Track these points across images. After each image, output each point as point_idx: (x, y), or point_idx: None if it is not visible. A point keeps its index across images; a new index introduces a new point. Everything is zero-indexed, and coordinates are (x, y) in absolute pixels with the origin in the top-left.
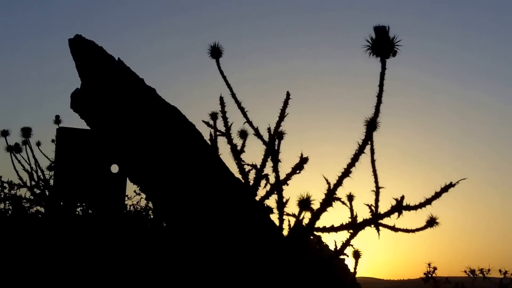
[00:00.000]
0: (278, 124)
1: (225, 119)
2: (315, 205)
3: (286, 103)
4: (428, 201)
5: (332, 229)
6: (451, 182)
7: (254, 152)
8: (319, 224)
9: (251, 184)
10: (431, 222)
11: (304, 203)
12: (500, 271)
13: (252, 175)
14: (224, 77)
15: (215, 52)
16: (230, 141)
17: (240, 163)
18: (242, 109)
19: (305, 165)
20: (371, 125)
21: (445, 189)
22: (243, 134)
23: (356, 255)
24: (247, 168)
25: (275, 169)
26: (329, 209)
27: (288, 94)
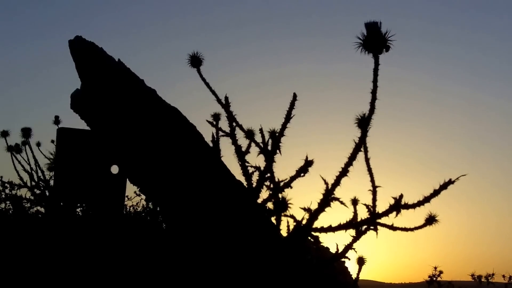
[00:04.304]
0: (284, 126)
1: (230, 119)
2: (313, 206)
3: (292, 105)
4: (427, 199)
5: (330, 229)
6: (450, 179)
7: (255, 153)
8: (318, 225)
9: (254, 186)
10: (430, 220)
11: (281, 205)
12: (503, 276)
13: (255, 177)
14: (207, 84)
15: (195, 61)
16: (234, 141)
17: (244, 164)
18: (230, 113)
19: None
20: (363, 122)
21: (444, 186)
22: (249, 135)
23: (360, 261)
24: (250, 170)
25: (271, 170)
26: (330, 211)
27: (294, 96)
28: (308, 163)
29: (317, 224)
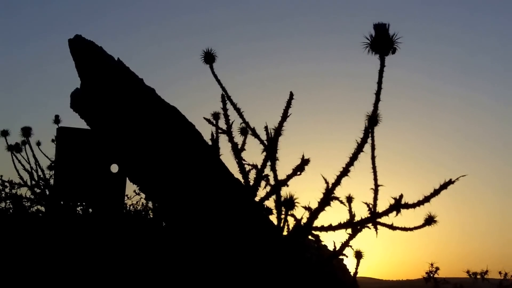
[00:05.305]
0: (281, 124)
1: (226, 116)
2: (313, 205)
3: (289, 103)
4: (427, 199)
5: (330, 228)
6: (450, 179)
7: (255, 152)
8: (318, 224)
9: (251, 184)
10: (429, 220)
11: (288, 203)
12: (500, 272)
13: (252, 175)
14: (218, 81)
15: (208, 58)
16: (231, 139)
17: (240, 162)
18: (238, 110)
19: (304, 166)
20: (372, 120)
21: (444, 186)
22: (243, 131)
23: (358, 255)
24: (247, 167)
25: (273, 168)
26: (329, 210)
27: (291, 94)
28: (305, 162)
29: (317, 223)
